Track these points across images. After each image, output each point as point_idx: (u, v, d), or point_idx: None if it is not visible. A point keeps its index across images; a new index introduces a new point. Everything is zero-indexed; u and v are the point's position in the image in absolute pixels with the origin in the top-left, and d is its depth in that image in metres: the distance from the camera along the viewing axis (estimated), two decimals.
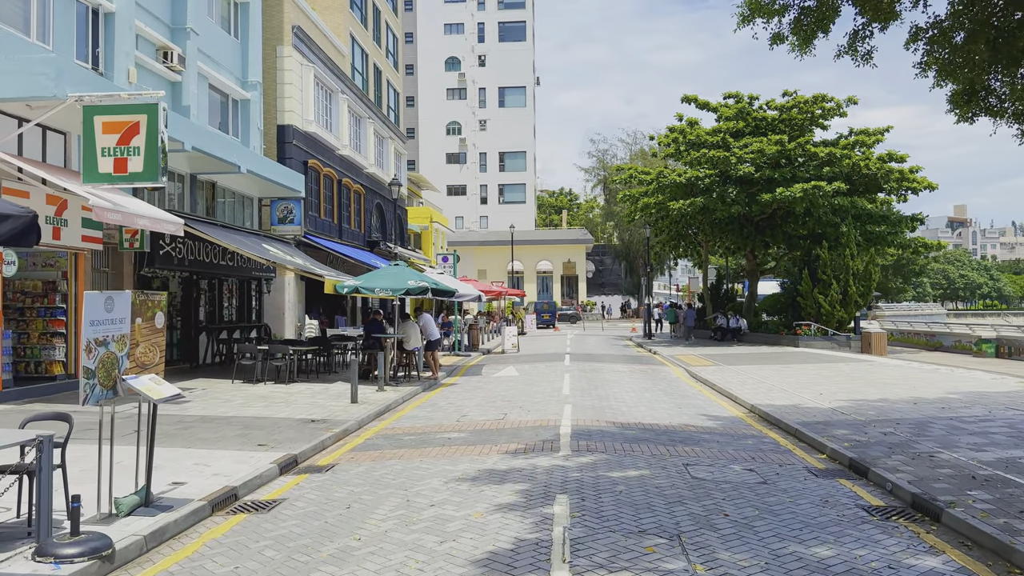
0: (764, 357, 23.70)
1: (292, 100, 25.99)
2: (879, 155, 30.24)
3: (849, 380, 16.75)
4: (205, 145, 17.19)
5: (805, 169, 29.33)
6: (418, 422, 12.08)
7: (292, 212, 23.49)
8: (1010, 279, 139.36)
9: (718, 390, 16.04)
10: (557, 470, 8.24)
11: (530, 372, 20.11)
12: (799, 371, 19.02)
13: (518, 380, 18.16)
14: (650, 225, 37.53)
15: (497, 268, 66.23)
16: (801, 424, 11.00)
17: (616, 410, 13.01)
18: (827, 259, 28.32)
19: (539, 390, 16.03)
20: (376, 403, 13.62)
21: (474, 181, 73.00)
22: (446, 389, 16.64)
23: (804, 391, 14.90)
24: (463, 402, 14.37)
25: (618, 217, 70.86)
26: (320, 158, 28.25)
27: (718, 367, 20.50)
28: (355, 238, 32.45)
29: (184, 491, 7.42)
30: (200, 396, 14.32)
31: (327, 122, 29.27)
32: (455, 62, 72.56)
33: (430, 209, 51.14)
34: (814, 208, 29.06)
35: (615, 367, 21.49)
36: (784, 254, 36.01)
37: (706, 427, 11.44)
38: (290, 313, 25.61)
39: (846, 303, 28.37)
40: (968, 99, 10.76)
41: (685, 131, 31.61)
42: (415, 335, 17.56)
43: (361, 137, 34.03)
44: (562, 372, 19.82)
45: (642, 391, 15.95)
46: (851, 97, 30.55)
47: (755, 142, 29.19)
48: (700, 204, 29.46)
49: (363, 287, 16.17)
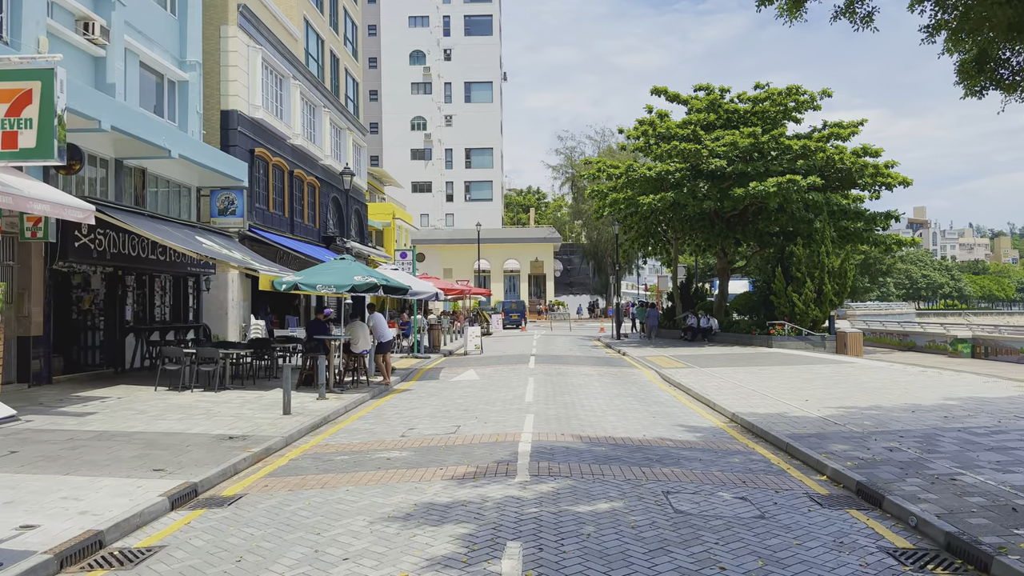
0: (738, 358, 22.52)
1: (237, 84, 24.16)
2: (853, 149, 29.30)
3: (833, 384, 15.55)
4: (128, 125, 15.39)
5: (778, 163, 28.27)
6: (357, 437, 10.51)
7: (234, 203, 21.68)
8: (970, 279, 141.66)
9: (694, 395, 14.71)
10: (511, 504, 6.75)
11: (492, 376, 18.62)
12: (777, 374, 17.81)
13: (478, 385, 16.65)
14: (619, 222, 36.28)
15: (463, 267, 64.62)
16: (792, 437, 9.67)
17: (584, 421, 11.57)
18: (801, 256, 27.28)
19: (500, 397, 14.54)
20: (313, 414, 12.01)
21: (440, 178, 71.26)
22: (397, 396, 15.06)
23: (787, 397, 13.63)
24: (413, 412, 12.81)
25: (586, 215, 69.67)
26: (269, 147, 26.45)
27: (691, 369, 19.23)
28: (309, 233, 30.65)
29: (31, 539, 5.78)
30: (111, 407, 12.56)
31: (277, 109, 27.46)
32: (420, 56, 70.74)
33: (392, 205, 49.37)
34: (787, 204, 28.01)
35: (583, 370, 20.10)
36: (755, 252, 35.03)
37: (685, 441, 10.05)
38: (234, 313, 23.79)
39: (821, 302, 27.37)
40: (979, 69, 9.51)
41: (655, 123, 30.38)
42: (364, 337, 15.96)
43: (316, 127, 32.24)
44: (526, 376, 18.36)
45: (612, 397, 14.56)
46: (825, 90, 29.60)
47: (727, 135, 28.06)
48: (671, 199, 28.24)
49: (304, 283, 14.53)
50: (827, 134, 29.23)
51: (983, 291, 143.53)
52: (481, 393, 15.16)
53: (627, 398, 14.49)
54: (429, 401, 14.14)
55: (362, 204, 39.78)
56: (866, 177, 29.57)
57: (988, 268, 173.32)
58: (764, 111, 29.81)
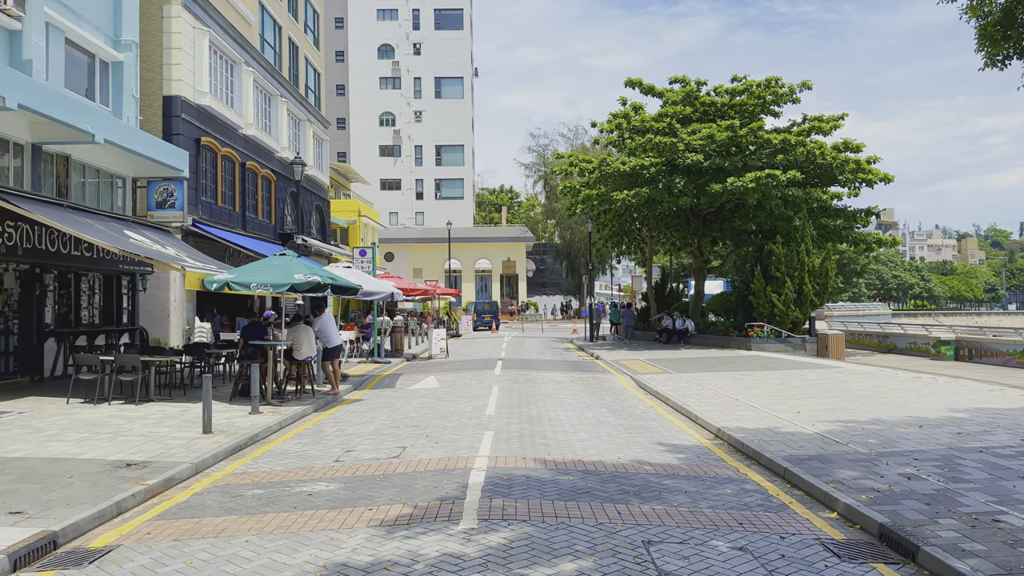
0: (717, 362, 21.25)
1: (181, 68, 22.38)
2: (834, 144, 28.23)
3: (823, 392, 14.27)
4: (40, 104, 13.65)
5: (757, 157, 27.10)
6: (283, 462, 8.95)
7: (173, 195, 19.92)
8: (940, 280, 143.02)
9: (673, 406, 13.34)
10: (447, 567, 5.24)
11: (453, 383, 17.10)
12: (761, 380, 16.53)
13: (436, 395, 15.13)
14: (592, 219, 34.96)
15: (434, 267, 62.98)
16: (790, 460, 8.31)
17: (550, 439, 10.12)
18: (781, 255, 26.13)
19: (458, 409, 13.04)
20: (238, 433, 10.40)
21: (409, 175, 69.49)
22: (344, 408, 13.49)
23: (776, 408, 12.31)
24: (357, 428, 11.26)
25: (559, 215, 68.38)
26: (217, 136, 24.66)
27: (668, 375, 17.89)
28: (264, 230, 28.87)
29: None
30: (4, 425, 10.83)
31: (227, 96, 25.67)
32: (389, 50, 68.92)
33: (358, 202, 47.57)
34: (766, 200, 26.87)
35: (553, 376, 18.66)
36: (731, 251, 33.91)
37: (667, 465, 8.64)
38: (176, 315, 21.99)
39: (801, 302, 26.25)
40: (1003, 34, 8.21)
41: (629, 115, 29.05)
42: (308, 342, 14.35)
43: (272, 117, 30.46)
44: (490, 383, 16.87)
45: (583, 408, 13.13)
46: (805, 82, 28.51)
47: (704, 128, 26.82)
48: (645, 195, 26.93)
49: (236, 282, 12.90)
50: (807, 128, 28.13)
51: (952, 291, 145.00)
52: (438, 404, 13.65)
53: (600, 409, 13.07)
54: (378, 415, 12.59)
55: (324, 200, 38.01)
56: (847, 173, 28.52)
57: (956, 269, 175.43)
58: (742, 104, 28.64)
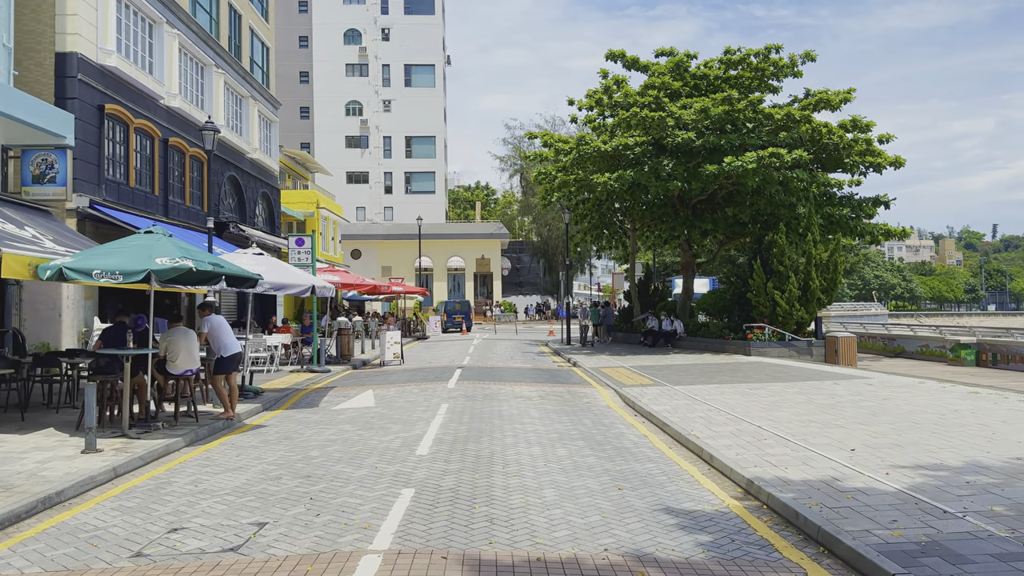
0: (716, 371, 17.93)
1: (79, 20, 18.66)
2: (840, 122, 25.02)
3: (868, 415, 10.95)
4: None
5: (756, 135, 23.82)
6: (49, 556, 5.39)
7: (54, 167, 16.19)
8: (921, 280, 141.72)
9: (674, 435, 9.94)
10: None
11: (393, 401, 13.58)
12: (779, 396, 13.19)
13: (364, 418, 11.60)
14: (569, 209, 31.57)
15: (403, 265, 59.31)
16: (893, 556, 4.91)
17: (499, 506, 6.64)
18: (784, 246, 22.86)
19: (382, 444, 9.53)
20: (27, 492, 6.82)
21: (377, 168, 65.68)
22: (228, 442, 9.91)
23: (816, 439, 8.95)
24: (219, 481, 7.70)
25: (536, 210, 64.99)
26: (129, 105, 20.93)
27: (661, 388, 14.51)
28: (193, 217, 25.13)
29: None
30: None
31: (144, 60, 21.93)
32: (356, 35, 65.07)
33: (316, 192, 43.79)
34: (767, 185, 23.62)
35: (520, 390, 15.20)
36: (721, 245, 30.68)
37: (685, 562, 5.20)
38: (70, 315, 18.23)
39: (807, 301, 23.01)
40: None
41: (611, 89, 25.65)
42: (188, 351, 10.76)
43: (206, 90, 26.71)
44: (439, 401, 13.37)
45: (554, 442, 9.67)
46: (808, 52, 25.25)
47: (697, 102, 23.51)
48: (630, 179, 23.53)
49: (73, 268, 9.27)
50: (813, 102, 24.84)
51: (933, 292, 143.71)
52: (358, 436, 10.12)
53: (577, 442, 9.62)
54: (267, 454, 9.04)
55: (273, 188, 34.25)
56: (854, 155, 25.36)
57: (935, 270, 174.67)
58: (738, 78, 25.33)
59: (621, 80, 26.00)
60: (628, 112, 23.45)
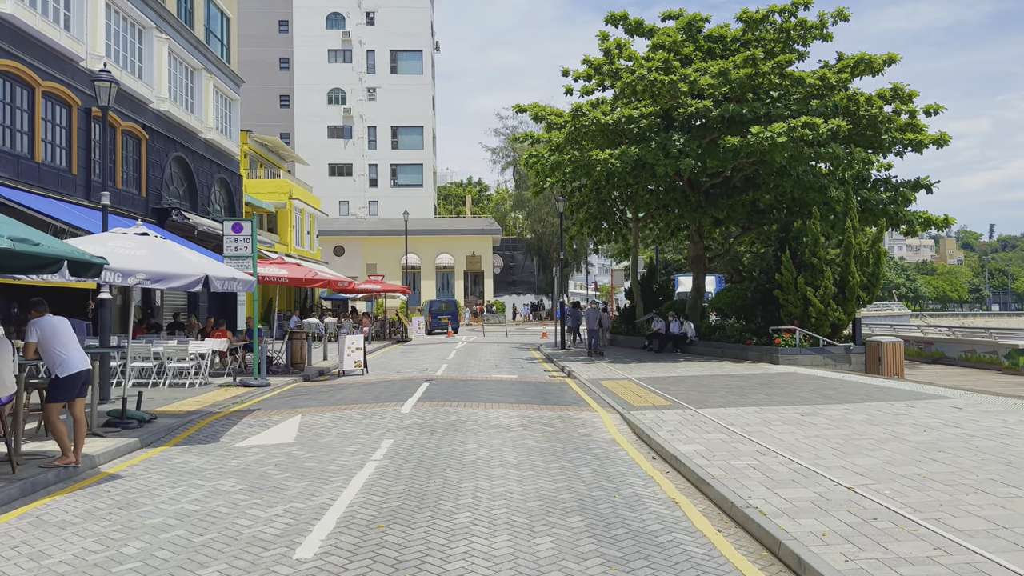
0: (744, 386, 14.40)
1: None
2: (879, 91, 21.50)
3: (1001, 464, 7.40)
4: None
5: (784, 104, 20.31)
6: None
7: None
8: (925, 280, 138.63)
9: (719, 503, 6.39)
10: None
11: (320, 435, 10.00)
12: (844, 425, 9.65)
13: (258, 470, 8.03)
14: (564, 197, 28.03)
15: (389, 262, 55.71)
16: None
17: None
18: (818, 233, 19.32)
19: (253, 528, 5.94)
20: None
21: (362, 160, 62.03)
22: (28, 515, 6.31)
23: (962, 522, 5.42)
24: None
25: (530, 205, 61.42)
26: (36, 65, 17.38)
27: (682, 412, 10.99)
28: (127, 202, 21.57)
29: None
30: None
31: (56, 12, 18.35)
32: (338, 19, 61.40)
33: (288, 182, 40.15)
34: (795, 163, 20.13)
35: (497, 416, 11.63)
36: (737, 236, 27.19)
37: None
38: None
39: (845, 299, 19.49)
40: None
41: (612, 54, 22.08)
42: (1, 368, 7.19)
43: (145, 57, 23.12)
44: (382, 435, 9.81)
45: (535, 524, 6.10)
46: (841, 10, 21.67)
47: (714, 65, 19.99)
48: (634, 156, 20.00)
49: None
50: (851, 63, 21.18)
51: (937, 292, 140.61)
52: (233, 506, 6.54)
53: (571, 520, 6.06)
54: (68, 542, 5.45)
55: (234, 175, 30.63)
56: (893, 131, 21.85)
57: (937, 269, 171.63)
58: (759, 40, 21.75)
59: (624, 44, 22.44)
60: (633, 76, 19.87)
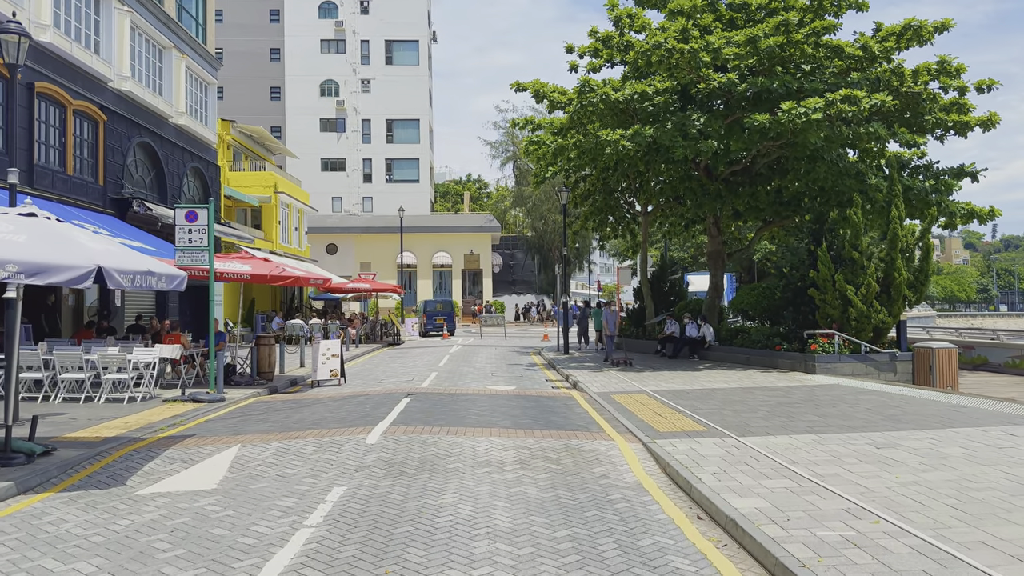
0: (786, 402, 12.01)
1: None
2: (922, 65, 19.07)
3: None
4: None
5: (819, 78, 17.93)
6: None
7: None
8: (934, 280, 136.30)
9: None
10: None
11: (253, 479, 7.61)
12: (943, 463, 7.29)
13: (142, 543, 5.60)
14: (567, 187, 25.65)
15: (384, 261, 53.33)
16: None
17: None
18: (860, 225, 16.91)
19: None
20: None
21: (355, 154, 59.63)
22: None
23: None
24: None
25: (530, 202, 59.02)
26: None
27: (722, 441, 8.62)
28: (80, 191, 19.21)
29: None
30: None
31: None
32: (331, 8, 59.01)
33: (274, 175, 37.76)
34: (831, 145, 17.75)
35: (487, 448, 9.25)
36: (758, 231, 24.81)
37: None
38: None
39: (890, 300, 17.10)
40: None
41: (623, 23, 19.67)
42: None
43: (103, 31, 20.76)
44: (333, 478, 7.42)
45: None
46: None
47: (739, 34, 17.61)
48: (648, 137, 17.61)
49: None
50: (898, 30, 18.62)
51: (945, 292, 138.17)
52: None
53: None
54: None
55: (211, 164, 28.24)
56: (938, 111, 19.47)
57: (944, 269, 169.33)
58: (789, 6, 19.30)
59: (635, 14, 20.05)
60: (648, 45, 17.46)
